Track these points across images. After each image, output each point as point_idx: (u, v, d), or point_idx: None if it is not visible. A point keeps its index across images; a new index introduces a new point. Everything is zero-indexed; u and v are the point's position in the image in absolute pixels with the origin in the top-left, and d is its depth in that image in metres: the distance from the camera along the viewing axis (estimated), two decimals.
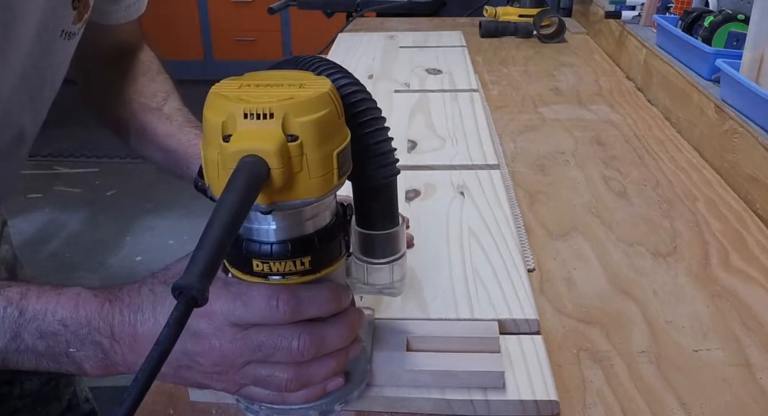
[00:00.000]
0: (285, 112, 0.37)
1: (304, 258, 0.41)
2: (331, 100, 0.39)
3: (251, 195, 0.35)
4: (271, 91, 0.39)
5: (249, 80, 0.41)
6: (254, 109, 0.37)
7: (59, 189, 3.07)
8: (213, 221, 0.33)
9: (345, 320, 0.45)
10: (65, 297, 0.45)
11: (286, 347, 0.42)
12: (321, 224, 0.42)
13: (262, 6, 2.59)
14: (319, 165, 0.38)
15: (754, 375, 0.55)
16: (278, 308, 0.41)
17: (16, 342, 0.44)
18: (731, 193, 0.87)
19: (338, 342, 0.44)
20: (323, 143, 0.38)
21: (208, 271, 0.32)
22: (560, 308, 0.64)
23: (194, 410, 0.52)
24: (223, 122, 0.37)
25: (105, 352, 0.44)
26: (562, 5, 2.02)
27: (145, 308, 0.44)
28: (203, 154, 0.39)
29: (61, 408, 0.90)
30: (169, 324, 0.31)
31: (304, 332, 0.42)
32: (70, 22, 0.66)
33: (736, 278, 0.69)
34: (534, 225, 0.79)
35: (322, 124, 0.38)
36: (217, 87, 0.40)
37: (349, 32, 1.74)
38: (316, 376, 0.44)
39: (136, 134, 0.78)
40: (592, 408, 0.52)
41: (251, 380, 0.44)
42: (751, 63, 0.95)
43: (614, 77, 1.38)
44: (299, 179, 0.38)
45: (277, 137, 0.36)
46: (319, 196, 0.39)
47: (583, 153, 1.00)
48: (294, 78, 0.41)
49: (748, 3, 1.09)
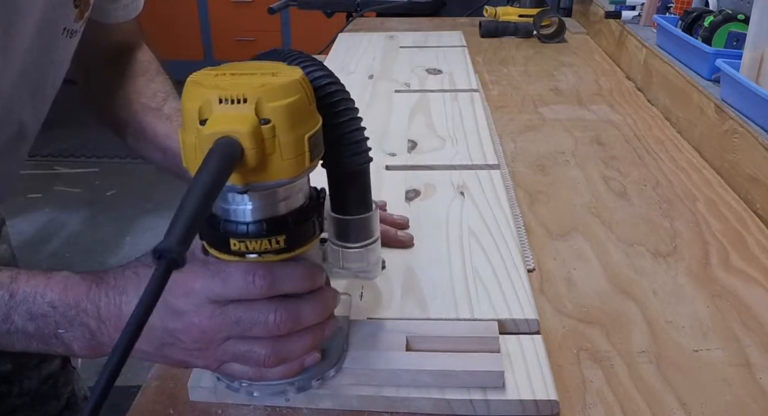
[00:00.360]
0: (258, 97, 0.39)
1: (279, 237, 0.43)
2: (302, 86, 0.42)
3: (225, 171, 0.37)
4: (246, 79, 0.41)
5: (225, 70, 0.43)
6: (229, 95, 0.39)
7: (59, 189, 3.07)
8: (189, 193, 0.35)
9: (320, 297, 0.47)
10: (54, 281, 0.46)
11: (263, 321, 0.44)
12: (295, 205, 0.44)
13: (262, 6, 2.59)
14: (291, 147, 0.40)
15: (754, 375, 0.55)
16: (255, 284, 0.43)
17: (6, 324, 0.45)
18: (731, 193, 0.87)
19: (313, 318, 0.46)
20: (295, 126, 0.40)
21: (185, 236, 0.33)
22: (560, 309, 0.64)
23: (194, 410, 0.52)
24: (199, 107, 0.39)
25: (92, 333, 0.46)
26: (562, 5, 2.02)
27: (129, 290, 0.46)
28: (181, 138, 0.41)
29: (60, 407, 0.91)
30: (150, 283, 0.32)
31: (281, 306, 0.44)
32: (71, 20, 0.67)
33: (736, 278, 0.69)
34: (534, 225, 0.79)
35: (294, 108, 0.40)
36: (194, 76, 0.42)
37: (349, 32, 1.74)
38: (293, 351, 0.46)
39: (135, 133, 0.78)
40: (592, 408, 0.52)
41: (231, 356, 0.46)
42: (751, 63, 0.95)
43: (614, 77, 1.38)
44: (273, 161, 0.40)
45: (250, 120, 0.39)
46: (292, 177, 0.41)
47: (583, 153, 1.00)
48: (267, 68, 0.43)
49: (748, 3, 1.09)
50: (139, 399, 0.53)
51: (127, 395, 0.51)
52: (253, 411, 0.51)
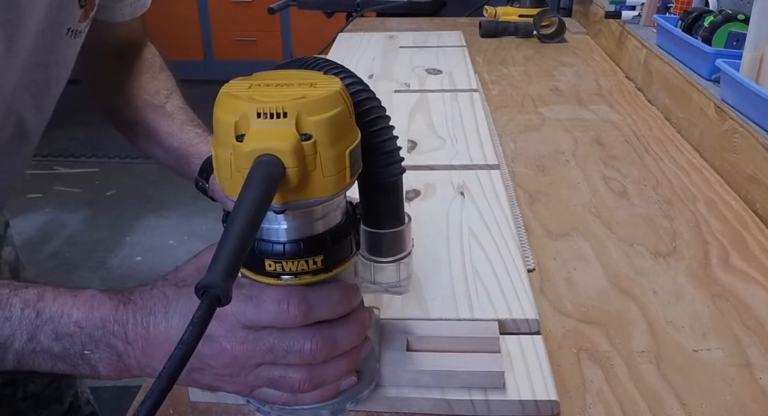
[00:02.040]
0: (298, 111, 0.37)
1: (317, 257, 0.41)
2: (343, 98, 0.39)
3: (269, 194, 0.35)
4: (283, 91, 0.39)
5: (258, 80, 0.41)
6: (268, 108, 0.37)
7: (59, 189, 3.07)
8: (234, 220, 0.33)
9: (356, 319, 0.44)
10: (81, 299, 0.45)
11: (299, 349, 0.42)
12: (332, 223, 0.42)
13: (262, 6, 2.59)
14: (333, 164, 0.38)
15: (754, 375, 0.55)
16: (289, 312, 0.41)
17: (32, 343, 0.44)
18: (731, 193, 0.87)
19: (350, 342, 0.44)
20: (336, 141, 0.38)
21: (230, 270, 0.32)
22: (560, 308, 0.64)
23: (194, 410, 0.52)
24: (236, 121, 0.37)
25: (119, 355, 0.44)
26: (562, 5, 2.02)
27: (157, 311, 0.44)
28: (215, 153, 0.39)
29: (63, 410, 0.91)
30: (193, 323, 0.31)
31: (317, 334, 0.42)
32: (76, 21, 0.67)
33: (736, 278, 0.69)
34: (534, 225, 0.79)
35: (335, 122, 0.38)
36: (227, 87, 0.40)
37: (349, 32, 1.74)
38: (329, 376, 0.44)
39: (138, 131, 0.78)
40: (592, 408, 0.52)
41: (264, 381, 0.44)
42: (751, 63, 0.95)
43: (614, 77, 1.38)
44: (313, 178, 0.38)
45: (291, 136, 0.36)
46: (332, 195, 0.39)
47: (583, 153, 1.00)
48: (304, 77, 0.41)
49: (748, 3, 1.09)
50: (139, 399, 0.53)
51: (127, 395, 0.51)
52: (254, 410, 0.51)
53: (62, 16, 0.65)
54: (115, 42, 0.81)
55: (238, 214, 0.33)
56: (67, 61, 0.70)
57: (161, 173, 0.80)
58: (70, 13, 0.65)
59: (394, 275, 0.49)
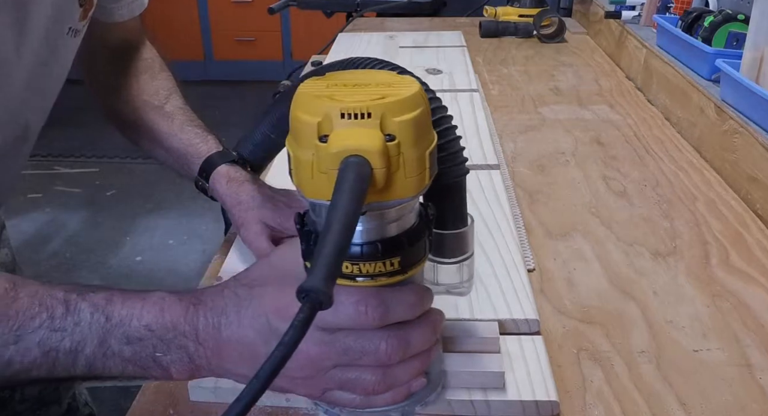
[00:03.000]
0: (383, 111, 0.37)
1: (394, 259, 0.41)
2: (423, 99, 0.39)
3: (362, 196, 0.34)
4: (363, 91, 0.38)
5: (334, 80, 0.40)
6: (352, 108, 0.36)
7: (59, 189, 3.07)
8: (331, 223, 0.33)
9: (428, 321, 0.44)
10: (150, 302, 0.44)
11: (374, 350, 0.42)
12: (408, 225, 0.42)
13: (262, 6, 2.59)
14: (415, 165, 0.38)
15: (754, 375, 0.55)
16: (367, 314, 0.40)
17: (103, 348, 0.43)
18: (731, 193, 0.87)
19: (422, 344, 0.44)
20: (418, 142, 0.38)
21: (331, 274, 0.31)
22: (560, 308, 0.64)
23: (194, 410, 0.52)
24: (318, 122, 0.37)
25: (190, 356, 0.44)
26: (562, 5, 2.02)
27: (229, 312, 0.44)
28: (293, 155, 0.38)
29: (61, 412, 0.91)
30: (294, 326, 0.31)
31: (392, 335, 0.42)
32: (76, 19, 0.67)
33: (736, 278, 0.69)
34: (534, 225, 0.79)
35: (418, 123, 0.38)
36: (305, 87, 0.39)
37: (349, 32, 1.74)
38: (402, 378, 0.44)
39: (138, 131, 0.78)
40: (592, 408, 0.52)
41: (337, 384, 0.43)
42: (751, 63, 0.95)
43: (614, 77, 1.38)
44: (396, 179, 0.38)
45: (378, 137, 0.36)
46: (413, 196, 0.39)
47: (583, 153, 1.00)
48: (379, 78, 0.41)
49: (748, 3, 1.09)
50: (139, 398, 0.53)
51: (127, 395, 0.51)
52: (254, 411, 0.51)
53: (63, 15, 0.65)
54: (114, 43, 0.81)
55: (336, 217, 0.33)
56: (66, 61, 0.70)
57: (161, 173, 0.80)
58: (70, 12, 0.66)
59: (457, 276, 0.49)
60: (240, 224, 0.68)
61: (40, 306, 0.43)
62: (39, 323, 0.43)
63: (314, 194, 0.38)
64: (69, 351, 0.43)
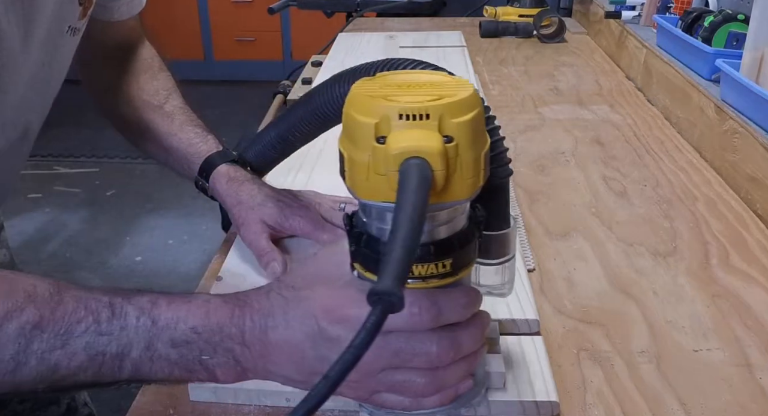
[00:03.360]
0: (441, 113, 0.36)
1: (446, 261, 0.40)
2: (478, 100, 0.39)
3: (426, 197, 0.34)
4: (417, 92, 0.38)
5: (386, 81, 0.40)
6: (410, 110, 0.36)
7: (59, 189, 3.07)
8: (400, 225, 0.33)
9: (477, 322, 0.44)
10: (195, 305, 0.44)
11: (425, 352, 0.41)
12: (459, 226, 0.42)
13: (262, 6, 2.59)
14: (472, 166, 0.38)
15: (754, 375, 0.55)
16: (420, 316, 0.40)
17: (149, 352, 0.43)
18: (731, 193, 0.87)
19: (472, 345, 0.44)
20: (475, 143, 0.38)
21: (401, 276, 0.31)
22: (560, 308, 0.64)
23: (194, 410, 0.52)
24: (376, 123, 0.36)
25: (236, 358, 0.44)
26: (562, 5, 2.02)
27: (276, 314, 0.43)
28: (347, 156, 0.38)
29: (60, 412, 0.90)
30: (366, 329, 0.31)
31: (443, 337, 0.41)
32: (76, 18, 0.66)
33: (736, 278, 0.69)
34: (534, 225, 0.79)
35: (475, 124, 0.38)
36: (358, 88, 0.39)
37: (349, 32, 1.74)
38: (451, 380, 0.43)
39: (138, 131, 0.78)
40: (592, 408, 0.52)
41: (386, 386, 0.43)
42: (751, 63, 0.95)
43: (614, 77, 1.38)
44: (454, 181, 0.37)
45: (437, 139, 0.36)
46: (468, 197, 0.39)
47: (583, 153, 1.00)
48: (432, 79, 0.41)
49: (748, 3, 1.09)
50: (139, 398, 0.53)
51: (127, 395, 0.51)
52: (254, 411, 0.51)
53: (64, 13, 0.65)
54: (113, 42, 0.81)
55: (404, 218, 0.33)
56: (66, 60, 0.70)
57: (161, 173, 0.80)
58: (70, 10, 0.65)
59: (499, 277, 0.49)
60: (240, 224, 0.68)
61: (85, 310, 0.43)
62: (85, 327, 0.42)
63: (369, 195, 0.38)
64: (115, 355, 0.43)
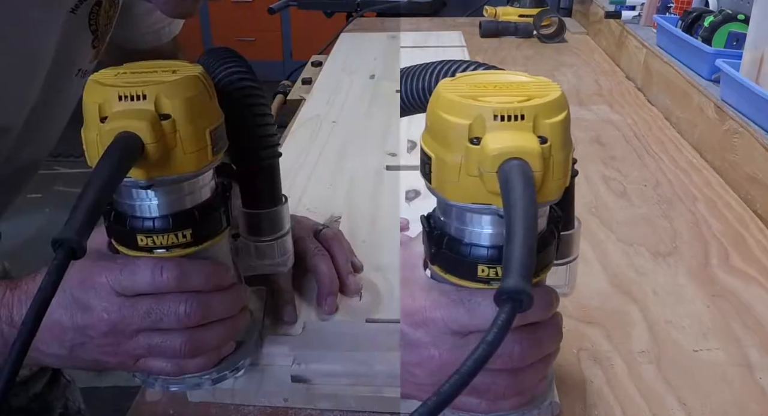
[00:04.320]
0: (535, 113, 0.37)
1: (186, 231, 0.44)
2: (201, 82, 0.42)
3: (123, 163, 0.38)
4: (145, 77, 0.42)
5: (126, 69, 0.43)
6: (128, 92, 0.40)
7: (59, 189, 3.07)
8: (88, 184, 0.36)
9: (230, 291, 0.48)
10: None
11: (174, 311, 0.44)
12: (200, 199, 0.45)
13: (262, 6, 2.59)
14: (192, 141, 0.41)
15: (754, 375, 0.55)
16: (163, 276, 0.43)
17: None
18: (731, 193, 0.87)
19: (223, 310, 0.47)
20: (194, 121, 0.41)
21: (84, 226, 0.34)
22: (560, 308, 0.64)
23: (194, 410, 0.52)
24: (99, 104, 0.40)
25: (5, 339, 0.46)
26: (562, 5, 2.02)
27: None
28: (84, 137, 0.41)
29: None
30: (49, 272, 0.33)
31: (191, 298, 0.45)
32: (87, 61, 0.66)
33: (736, 278, 0.69)
34: None
35: (193, 103, 0.41)
36: (95, 75, 0.42)
37: (350, 32, 1.74)
38: (208, 342, 0.46)
39: None
40: (592, 408, 0.52)
41: (145, 349, 0.45)
42: (751, 63, 0.95)
43: (614, 77, 1.38)
44: (175, 155, 0.41)
45: (149, 115, 0.39)
46: (195, 170, 0.42)
47: (583, 153, 1.00)
48: (167, 65, 0.44)
49: (748, 3, 1.09)
50: (139, 399, 0.53)
51: (127, 395, 0.51)
52: (254, 411, 0.51)
53: (74, 57, 0.64)
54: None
55: (94, 178, 0.36)
56: (72, 99, 0.68)
57: None
58: (82, 53, 0.65)
59: (562, 277, 0.49)
60: None
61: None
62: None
63: (458, 196, 0.38)
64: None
